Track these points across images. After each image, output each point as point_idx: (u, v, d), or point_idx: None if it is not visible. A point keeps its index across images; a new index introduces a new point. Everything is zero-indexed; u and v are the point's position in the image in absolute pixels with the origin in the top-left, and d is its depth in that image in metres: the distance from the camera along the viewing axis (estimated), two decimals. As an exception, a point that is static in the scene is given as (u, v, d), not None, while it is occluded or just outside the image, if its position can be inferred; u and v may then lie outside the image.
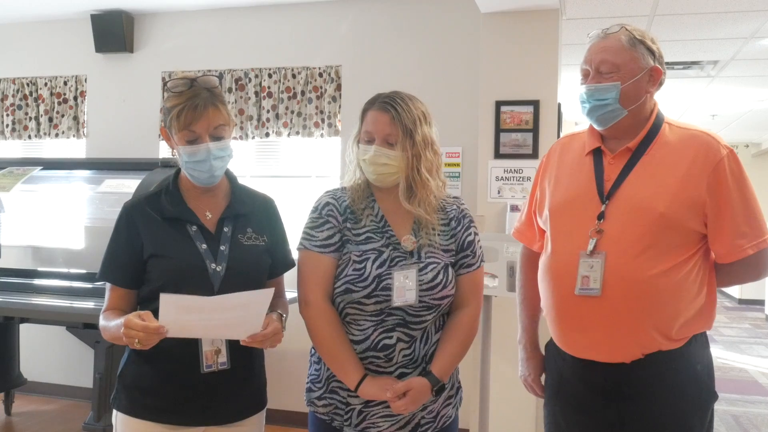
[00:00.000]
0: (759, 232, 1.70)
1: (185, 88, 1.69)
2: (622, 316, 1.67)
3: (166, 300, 1.50)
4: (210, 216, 1.78)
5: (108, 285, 1.75)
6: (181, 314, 1.53)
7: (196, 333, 1.64)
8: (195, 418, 1.72)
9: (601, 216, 1.73)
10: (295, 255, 1.91)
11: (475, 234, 1.86)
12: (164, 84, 1.83)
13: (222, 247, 1.74)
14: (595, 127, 1.81)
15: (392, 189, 1.80)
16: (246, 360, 1.79)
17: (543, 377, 2.00)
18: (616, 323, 1.68)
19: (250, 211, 1.83)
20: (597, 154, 1.82)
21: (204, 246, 1.72)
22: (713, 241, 1.72)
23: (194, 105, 1.67)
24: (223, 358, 1.71)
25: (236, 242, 1.77)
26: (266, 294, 1.60)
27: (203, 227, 1.75)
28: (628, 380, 1.71)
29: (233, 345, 1.72)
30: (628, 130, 1.77)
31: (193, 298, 1.54)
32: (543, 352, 1.99)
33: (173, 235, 1.72)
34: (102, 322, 1.72)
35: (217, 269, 1.71)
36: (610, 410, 1.74)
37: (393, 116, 1.73)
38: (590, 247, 1.71)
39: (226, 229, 1.77)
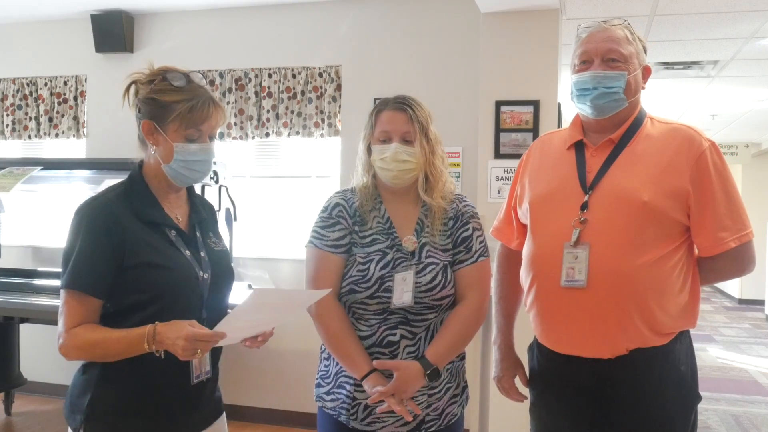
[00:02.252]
0: (741, 225, 1.70)
1: (184, 83, 1.62)
2: (608, 308, 1.67)
3: (258, 293, 1.45)
4: (180, 219, 1.68)
5: (75, 295, 1.54)
6: (252, 312, 1.48)
7: (239, 334, 1.57)
8: (175, 429, 1.64)
9: (584, 206, 1.72)
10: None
11: (474, 229, 1.87)
12: (162, 75, 1.64)
13: (202, 254, 1.67)
14: (592, 116, 1.78)
15: (400, 190, 1.84)
16: (216, 366, 1.73)
17: (517, 379, 1.99)
18: (602, 315, 1.67)
19: (208, 216, 1.78)
20: (579, 147, 1.82)
21: (187, 252, 1.63)
22: (696, 234, 1.71)
23: (205, 103, 1.60)
24: (207, 366, 1.65)
25: (209, 248, 1.70)
26: (322, 293, 1.64)
27: (182, 232, 1.65)
28: (612, 379, 1.70)
29: (212, 352, 1.64)
30: (619, 122, 1.77)
31: (278, 291, 1.56)
32: (525, 353, 1.97)
33: (159, 241, 1.59)
34: (85, 337, 1.52)
35: (204, 276, 1.64)
36: (595, 411, 1.73)
37: (410, 115, 1.80)
38: (574, 237, 1.70)
39: (199, 234, 1.70)
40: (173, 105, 1.59)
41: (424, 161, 1.80)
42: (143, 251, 1.55)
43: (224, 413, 1.81)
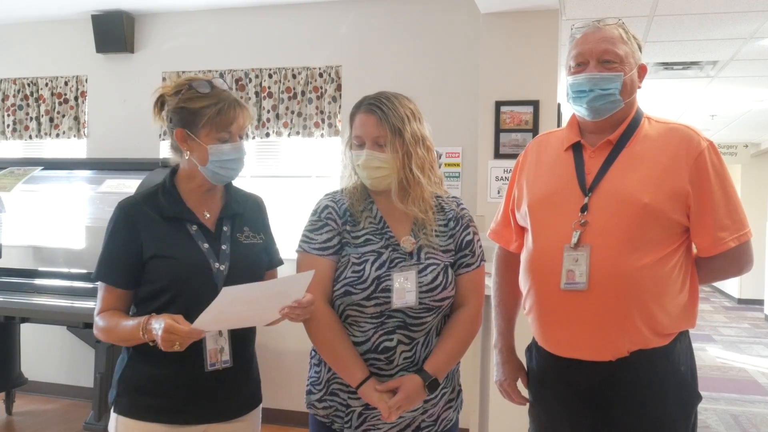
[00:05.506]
0: (740, 224, 1.70)
1: (209, 89, 1.72)
2: (609, 310, 1.66)
3: (226, 293, 1.47)
4: (208, 216, 1.78)
5: (103, 285, 1.73)
6: (229, 307, 1.52)
7: (226, 325, 1.67)
8: (198, 416, 1.73)
9: (584, 209, 1.71)
10: (288, 254, 1.92)
11: (475, 234, 1.85)
12: (187, 84, 1.74)
13: (223, 246, 1.75)
14: (589, 118, 1.77)
15: (389, 191, 1.79)
16: (246, 358, 1.81)
17: (519, 382, 1.98)
18: (603, 318, 1.66)
19: (245, 211, 1.85)
20: (576, 148, 1.81)
21: (206, 245, 1.73)
22: (696, 234, 1.71)
23: (231, 105, 1.71)
24: (226, 356, 1.72)
25: (236, 241, 1.78)
26: (308, 276, 1.61)
27: (203, 226, 1.76)
28: (612, 381, 1.69)
29: (235, 344, 1.74)
30: (614, 123, 1.77)
31: (250, 286, 1.56)
32: (524, 355, 1.96)
33: (174, 234, 1.72)
34: (102, 323, 1.70)
35: (221, 268, 1.72)
36: (595, 413, 1.72)
37: (380, 117, 1.73)
38: (574, 239, 1.69)
39: (225, 229, 1.78)
40: (202, 110, 1.70)
41: (399, 165, 1.73)
42: (156, 244, 1.70)
43: (258, 408, 1.87)
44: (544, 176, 1.84)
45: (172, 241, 1.71)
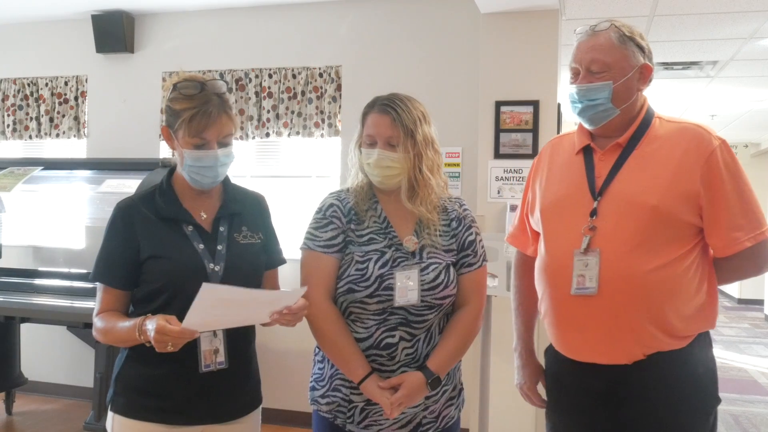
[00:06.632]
0: (756, 224, 1.67)
1: (196, 91, 1.68)
2: (620, 314, 1.65)
3: (206, 290, 1.47)
4: (205, 216, 1.78)
5: (101, 286, 1.73)
6: (213, 306, 1.52)
7: (218, 326, 1.67)
8: (196, 416, 1.72)
9: (593, 213, 1.70)
10: (289, 254, 1.92)
11: (477, 234, 1.87)
12: (173, 85, 1.71)
13: (219, 247, 1.74)
14: (586, 126, 1.78)
15: (395, 190, 1.82)
16: (243, 360, 1.80)
17: (539, 385, 1.97)
18: (615, 322, 1.65)
19: (244, 210, 1.84)
20: (587, 151, 1.80)
21: (201, 246, 1.72)
22: (709, 234, 1.69)
23: (207, 112, 1.66)
24: (221, 357, 1.71)
25: (233, 241, 1.77)
26: (298, 293, 1.61)
27: (199, 227, 1.75)
28: (628, 384, 1.68)
29: (231, 345, 1.73)
30: (619, 127, 1.75)
31: (231, 289, 1.56)
32: (543, 357, 1.95)
33: (170, 235, 1.72)
34: (100, 324, 1.70)
35: (215, 269, 1.71)
36: (611, 417, 1.71)
37: (394, 118, 1.76)
38: (584, 244, 1.68)
39: (222, 229, 1.77)
40: (180, 113, 1.68)
41: (409, 166, 1.76)
42: (152, 245, 1.70)
43: (258, 409, 1.86)
44: (556, 180, 1.84)
45: (168, 241, 1.71)
